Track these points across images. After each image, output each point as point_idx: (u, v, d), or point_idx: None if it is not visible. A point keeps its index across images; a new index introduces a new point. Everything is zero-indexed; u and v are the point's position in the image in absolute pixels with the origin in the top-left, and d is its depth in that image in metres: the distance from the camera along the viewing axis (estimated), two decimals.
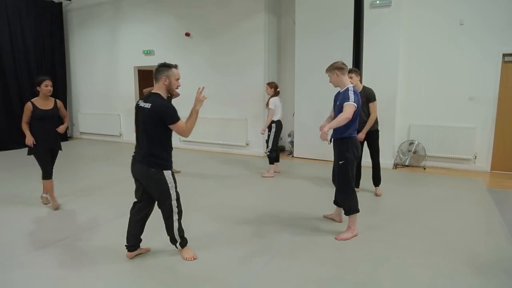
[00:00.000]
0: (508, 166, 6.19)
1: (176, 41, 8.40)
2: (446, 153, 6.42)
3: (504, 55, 6.04)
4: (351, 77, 4.22)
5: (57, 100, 4.48)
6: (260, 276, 2.74)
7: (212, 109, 7.84)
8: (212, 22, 7.90)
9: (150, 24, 8.73)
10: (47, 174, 4.40)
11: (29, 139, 4.22)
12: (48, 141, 4.37)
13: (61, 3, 9.85)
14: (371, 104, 4.54)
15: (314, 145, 6.91)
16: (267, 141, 5.89)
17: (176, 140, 8.08)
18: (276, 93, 5.78)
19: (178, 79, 2.80)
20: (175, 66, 2.79)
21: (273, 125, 5.75)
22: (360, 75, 4.74)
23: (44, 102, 4.33)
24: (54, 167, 4.54)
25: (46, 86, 4.28)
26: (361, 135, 4.51)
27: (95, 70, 9.93)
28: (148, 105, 2.67)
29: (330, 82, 3.49)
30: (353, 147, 3.38)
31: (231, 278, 2.71)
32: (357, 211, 3.47)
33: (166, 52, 8.54)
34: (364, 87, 4.57)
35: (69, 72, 10.42)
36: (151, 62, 8.64)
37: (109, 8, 9.33)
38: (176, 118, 2.68)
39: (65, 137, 10.01)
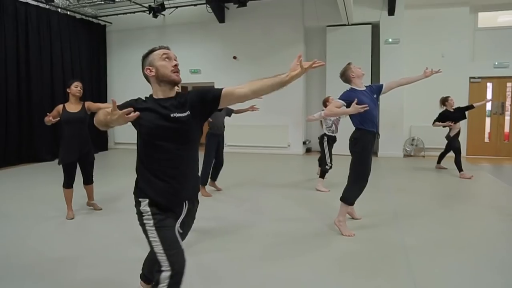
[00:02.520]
0: (475, 153, 9.21)
1: (223, 62, 10.25)
2: (437, 145, 9.21)
3: (470, 78, 9.09)
4: None
5: (85, 102, 4.42)
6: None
7: (258, 117, 9.80)
8: (257, 48, 9.95)
9: (197, 47, 10.41)
10: (68, 184, 4.37)
11: (47, 119, 4.16)
12: (77, 149, 4.32)
13: (105, 25, 11.06)
14: None
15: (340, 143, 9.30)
16: (320, 159, 6.04)
17: None
18: (325, 105, 5.90)
19: (167, 57, 1.92)
20: (160, 47, 1.97)
21: (325, 138, 5.81)
22: None
23: (73, 105, 4.32)
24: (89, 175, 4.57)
25: (76, 87, 4.30)
26: None
27: (133, 86, 11.17)
28: None
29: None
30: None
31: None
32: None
33: (213, 71, 10.31)
34: None
35: (107, 87, 11.51)
36: (198, 79, 10.33)
37: (153, 32, 10.79)
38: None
39: (105, 146, 11.05)
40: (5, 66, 8.18)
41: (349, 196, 3.70)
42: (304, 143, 10.13)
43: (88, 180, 4.63)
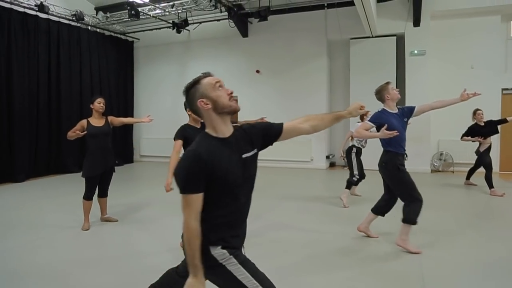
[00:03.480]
0: (509, 168, 8.69)
1: (247, 76, 10.32)
2: (467, 160, 8.78)
3: (503, 89, 8.66)
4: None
5: (108, 117, 4.59)
6: None
7: None
8: (280, 61, 9.95)
9: (221, 61, 10.55)
10: (88, 196, 4.46)
11: (70, 134, 4.31)
12: (102, 163, 4.43)
13: (132, 41, 11.45)
14: None
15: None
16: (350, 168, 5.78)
17: None
18: (362, 119, 5.79)
19: (220, 85, 1.68)
20: (205, 76, 1.70)
21: (354, 149, 5.76)
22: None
23: (97, 120, 4.45)
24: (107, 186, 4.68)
25: (99, 103, 4.44)
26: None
27: (158, 98, 11.46)
28: None
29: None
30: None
31: None
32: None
33: (237, 85, 10.34)
34: None
35: (133, 100, 11.83)
36: None
37: (179, 47, 11.04)
38: None
39: (131, 158, 11.31)
40: (37, 81, 8.57)
41: (411, 217, 3.54)
42: (327, 157, 9.94)
43: (104, 193, 4.71)
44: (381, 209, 3.91)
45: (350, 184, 5.66)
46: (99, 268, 3.36)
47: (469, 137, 6.58)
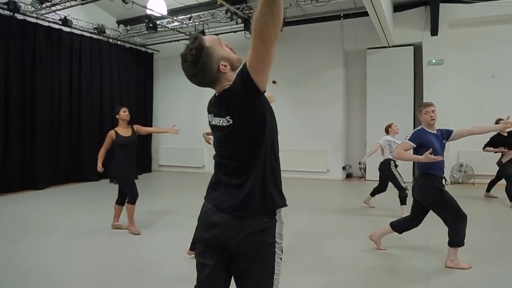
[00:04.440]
0: None
1: None
2: (489, 172, 8.54)
3: None
4: None
5: (133, 126, 4.69)
6: None
7: (297, 142, 9.75)
8: (296, 72, 9.98)
9: None
10: (120, 202, 4.70)
11: (99, 166, 4.53)
12: (133, 171, 4.62)
13: (152, 53, 11.72)
14: None
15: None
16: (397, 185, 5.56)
17: None
18: (387, 131, 5.90)
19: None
20: (199, 35, 1.58)
21: (392, 162, 5.65)
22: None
23: (124, 130, 4.56)
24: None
25: (124, 112, 4.57)
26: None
27: (176, 108, 11.63)
28: None
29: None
30: None
31: None
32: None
33: None
34: None
35: (152, 110, 12.05)
36: None
37: None
38: None
39: (149, 167, 11.47)
40: (60, 92, 8.86)
41: (458, 239, 3.44)
42: (344, 168, 9.85)
43: (123, 202, 4.76)
44: (399, 227, 3.84)
45: (404, 198, 5.45)
46: (111, 275, 3.42)
47: (492, 148, 6.42)
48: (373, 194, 6.05)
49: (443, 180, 3.55)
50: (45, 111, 8.43)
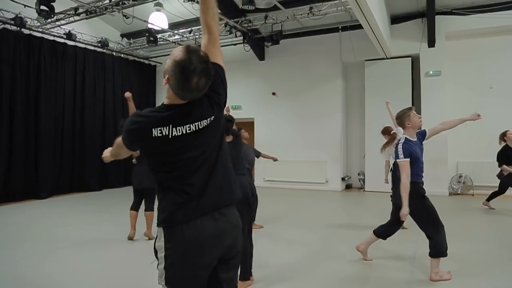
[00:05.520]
0: None
1: (263, 98, 10.51)
2: (488, 183, 8.48)
3: None
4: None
5: None
6: None
7: (296, 152, 9.82)
8: (295, 83, 10.11)
9: (238, 84, 10.76)
10: (132, 206, 4.91)
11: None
12: (140, 180, 4.84)
13: (155, 65, 11.98)
14: None
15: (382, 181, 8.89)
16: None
17: (259, 180, 9.94)
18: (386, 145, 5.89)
19: None
20: None
21: None
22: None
23: None
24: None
25: None
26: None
27: None
28: None
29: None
30: None
31: None
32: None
33: (254, 107, 10.60)
34: None
35: None
36: (239, 115, 10.61)
37: None
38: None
39: None
40: (63, 103, 9.10)
41: (440, 250, 3.42)
42: (343, 179, 9.87)
43: (147, 208, 4.91)
44: (383, 234, 3.89)
45: None
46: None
47: (508, 167, 6.14)
48: None
49: (422, 184, 3.54)
50: (49, 122, 8.65)
